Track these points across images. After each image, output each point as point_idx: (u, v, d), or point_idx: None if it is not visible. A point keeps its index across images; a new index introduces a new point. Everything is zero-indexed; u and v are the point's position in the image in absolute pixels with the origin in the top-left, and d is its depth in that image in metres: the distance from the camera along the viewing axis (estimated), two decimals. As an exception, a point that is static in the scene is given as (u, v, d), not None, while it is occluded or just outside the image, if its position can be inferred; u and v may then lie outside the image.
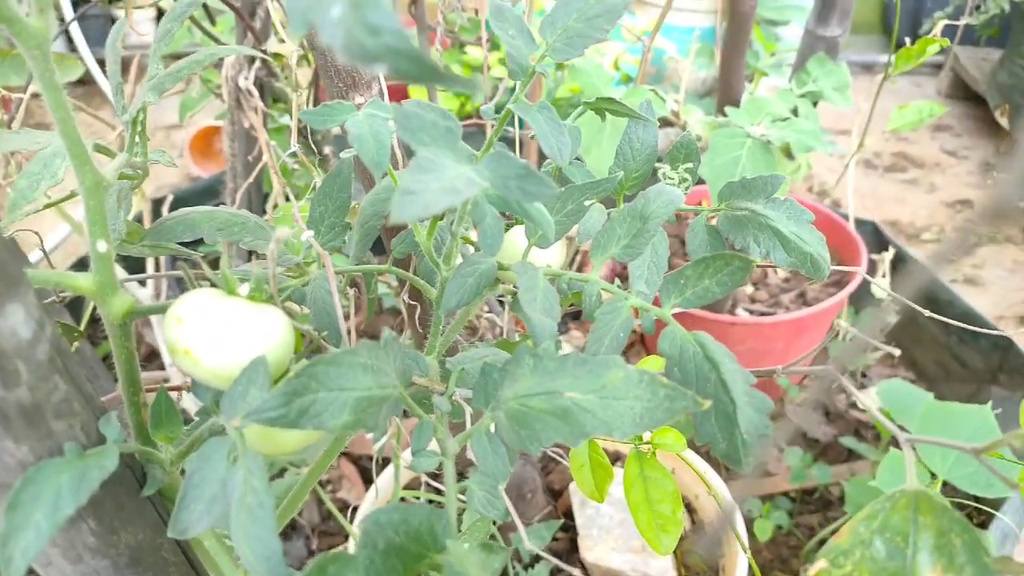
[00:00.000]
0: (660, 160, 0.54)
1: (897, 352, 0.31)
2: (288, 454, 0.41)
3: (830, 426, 1.42)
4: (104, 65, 0.51)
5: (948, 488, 0.96)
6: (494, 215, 0.36)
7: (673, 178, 0.51)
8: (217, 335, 0.35)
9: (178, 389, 0.61)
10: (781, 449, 1.38)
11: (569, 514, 1.04)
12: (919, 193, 2.35)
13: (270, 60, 0.99)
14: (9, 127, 0.90)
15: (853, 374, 1.51)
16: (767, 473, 1.34)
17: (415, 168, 0.28)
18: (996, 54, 2.60)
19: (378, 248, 0.59)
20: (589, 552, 0.96)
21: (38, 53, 0.33)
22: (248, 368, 0.33)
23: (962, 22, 1.60)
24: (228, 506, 0.32)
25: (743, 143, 0.90)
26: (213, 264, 0.39)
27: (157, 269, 1.35)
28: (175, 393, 0.61)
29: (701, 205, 0.52)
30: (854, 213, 1.52)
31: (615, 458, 1.09)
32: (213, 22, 1.31)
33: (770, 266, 0.45)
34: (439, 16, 0.93)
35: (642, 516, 0.53)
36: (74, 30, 1.24)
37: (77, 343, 0.72)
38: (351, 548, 0.93)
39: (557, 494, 1.12)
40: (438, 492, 0.97)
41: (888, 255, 1.48)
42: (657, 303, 0.41)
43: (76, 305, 1.26)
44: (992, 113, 2.47)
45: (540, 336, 0.36)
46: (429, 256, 0.45)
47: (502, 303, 0.94)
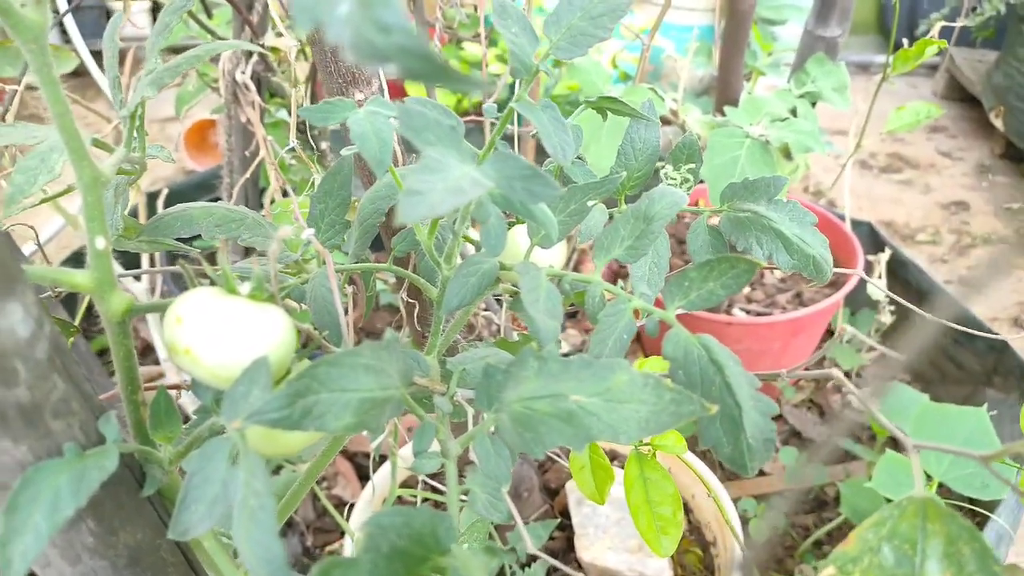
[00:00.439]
0: (662, 159, 0.53)
1: (893, 353, 0.31)
2: (289, 455, 0.41)
3: (825, 426, 1.43)
4: (99, 57, 0.51)
5: (943, 490, 0.96)
6: (498, 215, 0.36)
7: (675, 179, 0.51)
8: (218, 334, 0.34)
9: (176, 387, 0.60)
10: (776, 449, 1.38)
11: (565, 513, 1.04)
12: (914, 194, 2.36)
13: (267, 54, 0.99)
14: (3, 119, 0.89)
15: (848, 375, 1.51)
16: (762, 473, 1.34)
17: (421, 168, 0.28)
18: (992, 56, 2.61)
19: (376, 245, 0.58)
20: (585, 551, 0.96)
21: (35, 47, 0.32)
22: (250, 368, 0.32)
23: (958, 24, 1.60)
24: (229, 507, 0.31)
25: (742, 143, 0.90)
26: (210, 259, 0.38)
27: (152, 264, 1.34)
28: (173, 392, 0.60)
29: (699, 205, 0.51)
30: (850, 214, 1.53)
31: (612, 457, 1.09)
32: (210, 15, 1.31)
33: (768, 267, 0.45)
34: (438, 12, 0.92)
35: (642, 518, 0.53)
36: (68, 21, 1.23)
37: (72, 339, 0.72)
38: (347, 545, 0.93)
39: (553, 493, 1.11)
40: (435, 490, 0.96)
41: (884, 256, 1.48)
42: (660, 304, 0.41)
43: (70, 300, 1.25)
44: (987, 115, 2.48)
45: (544, 338, 0.36)
46: (430, 255, 0.45)
47: (499, 301, 0.94)
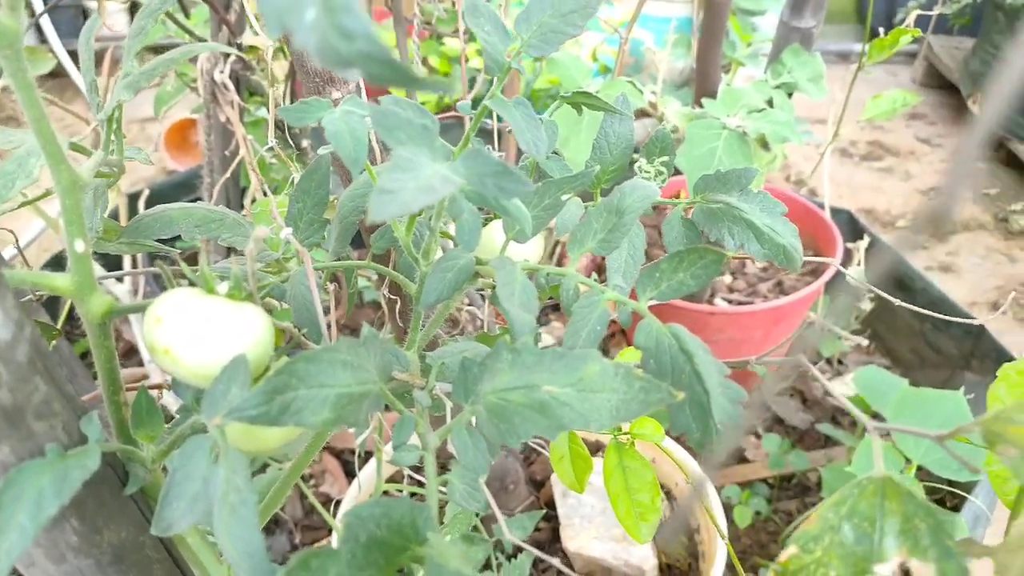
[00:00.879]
0: (638, 151, 0.54)
1: (865, 342, 0.32)
2: (270, 451, 0.41)
3: (807, 413, 1.45)
4: (76, 57, 0.51)
5: (923, 472, 0.98)
6: (471, 211, 0.37)
7: (649, 171, 0.51)
8: (197, 334, 0.35)
9: (158, 387, 0.61)
10: (759, 436, 1.40)
11: (551, 504, 1.05)
12: (894, 181, 2.38)
13: (245, 55, 0.99)
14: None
15: (830, 361, 1.53)
16: (745, 460, 1.36)
17: (393, 167, 0.28)
18: (969, 43, 2.64)
19: (358, 241, 0.59)
20: (571, 541, 0.97)
21: (10, 52, 0.32)
22: (228, 366, 0.33)
23: (935, 12, 1.62)
24: (211, 503, 0.32)
25: (719, 134, 0.91)
26: (191, 259, 0.39)
27: (134, 265, 1.34)
28: (155, 391, 0.61)
29: (679, 196, 0.52)
30: (830, 201, 1.54)
31: (597, 447, 1.10)
32: (187, 14, 1.30)
33: (748, 257, 0.46)
34: (415, 8, 0.93)
35: (621, 505, 0.54)
36: (45, 22, 1.23)
37: (55, 341, 0.72)
38: (335, 542, 0.93)
39: (539, 484, 1.12)
40: (421, 485, 0.97)
41: (863, 243, 1.50)
42: (634, 296, 0.42)
43: (52, 303, 1.25)
44: (965, 101, 2.50)
45: (519, 331, 0.37)
46: (408, 251, 0.45)
47: (483, 295, 0.94)
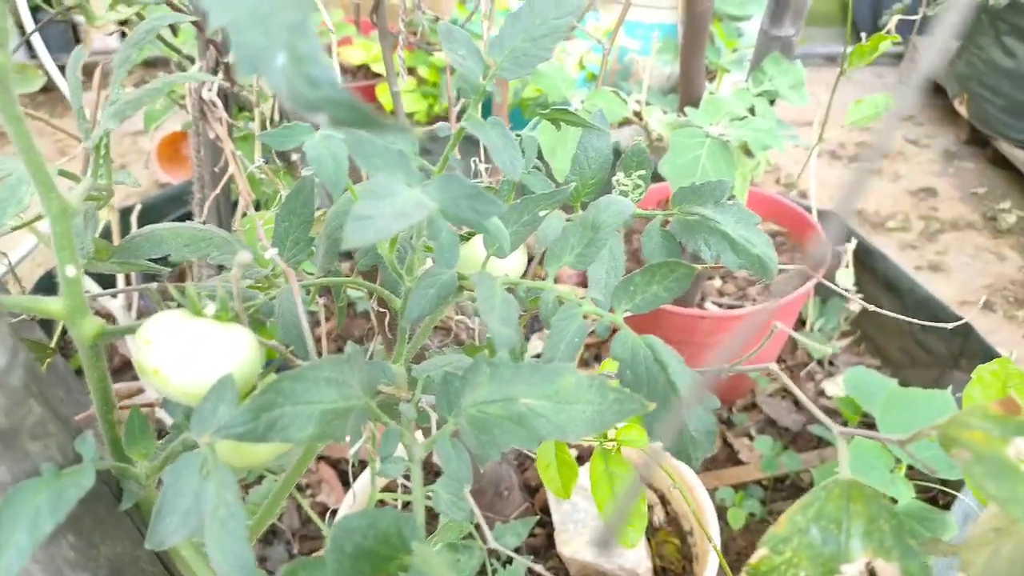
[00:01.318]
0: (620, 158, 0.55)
1: (830, 351, 0.33)
2: (259, 465, 0.42)
3: (799, 414, 1.46)
4: (66, 72, 0.52)
5: (914, 471, 0.99)
6: (449, 230, 0.38)
7: (627, 185, 0.53)
8: (185, 356, 0.36)
9: (151, 405, 0.62)
10: (752, 438, 1.41)
11: (546, 510, 1.07)
12: (883, 182, 2.40)
13: (233, 75, 1.00)
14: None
15: (820, 363, 1.55)
16: (739, 462, 1.37)
17: (369, 194, 0.29)
18: (954, 45, 2.66)
19: (348, 254, 0.60)
20: (566, 547, 0.98)
21: None
22: (216, 386, 0.34)
23: (919, 14, 1.64)
24: (202, 518, 0.33)
25: (702, 143, 0.92)
26: (183, 276, 0.40)
27: (128, 282, 1.35)
28: (146, 409, 0.62)
29: (666, 203, 0.54)
30: (819, 203, 1.56)
31: (589, 452, 1.11)
32: (175, 33, 1.31)
33: (715, 267, 0.47)
34: (399, 23, 0.94)
35: (608, 511, 0.55)
36: (35, 38, 1.23)
37: (49, 360, 0.73)
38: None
39: (534, 491, 1.14)
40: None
41: (850, 246, 1.51)
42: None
43: (48, 320, 1.26)
44: (951, 102, 2.53)
45: (499, 344, 0.38)
46: (392, 268, 0.47)
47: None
